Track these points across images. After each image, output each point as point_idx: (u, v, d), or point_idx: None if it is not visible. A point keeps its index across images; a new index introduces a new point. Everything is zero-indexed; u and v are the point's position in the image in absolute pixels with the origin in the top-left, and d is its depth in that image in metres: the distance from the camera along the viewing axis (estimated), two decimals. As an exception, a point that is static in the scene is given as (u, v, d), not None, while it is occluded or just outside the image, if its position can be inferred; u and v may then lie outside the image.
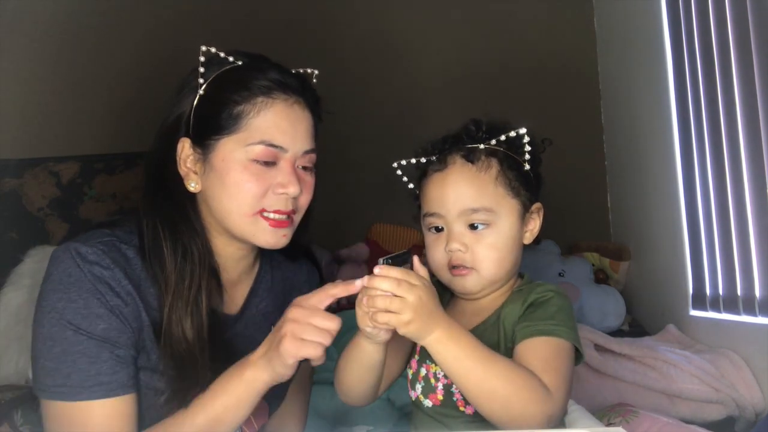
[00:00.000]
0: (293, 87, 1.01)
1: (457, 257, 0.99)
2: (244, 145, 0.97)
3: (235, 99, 0.98)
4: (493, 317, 1.01)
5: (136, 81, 2.53)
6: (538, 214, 1.05)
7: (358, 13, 2.65)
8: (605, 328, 2.06)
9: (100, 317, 0.92)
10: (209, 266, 1.01)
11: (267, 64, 1.02)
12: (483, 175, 1.00)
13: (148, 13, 2.55)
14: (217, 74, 1.00)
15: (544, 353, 0.93)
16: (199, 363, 0.97)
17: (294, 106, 1.00)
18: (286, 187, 0.98)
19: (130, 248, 0.98)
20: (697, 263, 1.94)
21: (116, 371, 0.93)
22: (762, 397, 1.65)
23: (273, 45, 1.20)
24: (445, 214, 1.00)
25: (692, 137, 1.91)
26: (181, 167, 1.01)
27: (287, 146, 0.99)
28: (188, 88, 1.02)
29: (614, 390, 1.68)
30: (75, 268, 0.93)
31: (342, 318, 0.96)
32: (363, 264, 2.44)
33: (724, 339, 1.80)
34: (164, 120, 1.04)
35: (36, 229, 2.37)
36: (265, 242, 1.01)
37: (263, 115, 0.98)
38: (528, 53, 2.64)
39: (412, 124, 2.54)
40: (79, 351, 0.91)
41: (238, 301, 1.10)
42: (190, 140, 1.00)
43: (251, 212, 0.99)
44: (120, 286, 0.95)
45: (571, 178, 2.59)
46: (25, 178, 2.41)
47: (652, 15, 2.12)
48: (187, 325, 0.96)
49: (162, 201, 1.01)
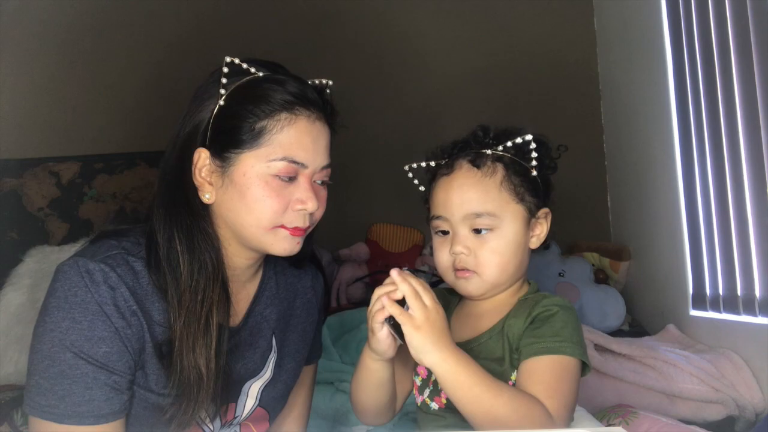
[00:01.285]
0: (315, 102, 1.00)
1: (461, 260, 1.01)
2: (266, 161, 0.96)
3: (257, 113, 0.96)
4: (498, 327, 1.02)
5: (137, 81, 2.53)
6: (545, 219, 1.06)
7: (363, 16, 2.65)
8: (605, 328, 2.06)
9: (102, 340, 0.91)
10: (222, 279, 1.00)
11: (286, 76, 1.00)
12: (488, 180, 1.01)
13: (148, 13, 2.55)
14: (237, 85, 0.98)
15: (548, 376, 0.94)
16: (205, 383, 0.95)
17: (316, 123, 1.00)
18: (305, 203, 0.98)
19: (138, 260, 0.96)
20: (697, 263, 1.93)
21: (110, 398, 0.92)
22: (762, 397, 1.65)
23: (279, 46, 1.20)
24: (450, 218, 1.01)
25: (692, 137, 1.91)
26: (195, 177, 0.99)
27: (308, 163, 0.98)
28: (207, 96, 0.99)
29: (614, 390, 1.68)
30: (82, 287, 0.91)
31: (342, 318, 0.97)
32: (363, 264, 2.44)
33: (724, 339, 1.80)
34: (181, 127, 1.01)
35: (36, 229, 2.37)
36: (282, 250, 1.00)
37: (286, 132, 0.97)
38: (528, 53, 2.64)
39: (414, 124, 2.54)
40: (76, 375, 0.90)
41: (240, 311, 1.08)
42: (208, 151, 0.98)
43: (270, 227, 0.98)
44: (126, 306, 0.93)
45: (571, 178, 2.58)
46: (25, 178, 2.41)
47: (652, 15, 2.12)
48: (198, 344, 0.95)
49: (178, 212, 0.99)
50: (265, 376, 1.10)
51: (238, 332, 1.06)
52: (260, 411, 1.12)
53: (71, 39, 2.53)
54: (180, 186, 0.99)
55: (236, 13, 2.57)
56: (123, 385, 0.93)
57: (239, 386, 1.06)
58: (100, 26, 2.54)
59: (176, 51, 2.48)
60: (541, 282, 2.12)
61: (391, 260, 2.37)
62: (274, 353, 1.10)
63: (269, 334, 1.10)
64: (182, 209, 0.99)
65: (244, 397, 1.08)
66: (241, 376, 1.06)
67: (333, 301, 2.35)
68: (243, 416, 1.09)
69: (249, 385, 1.08)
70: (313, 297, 1.20)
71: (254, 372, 1.08)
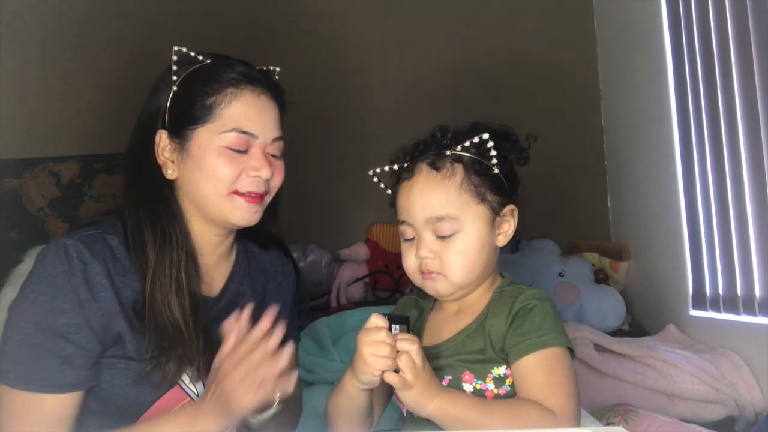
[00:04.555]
0: (259, 79, 1.09)
1: (426, 264, 1.02)
2: (218, 133, 1.05)
3: (206, 91, 1.06)
4: (475, 324, 1.03)
5: (137, 81, 2.50)
6: (512, 215, 1.06)
7: (360, 14, 2.64)
8: (605, 328, 2.06)
9: (63, 312, 0.97)
10: (187, 249, 1.07)
11: (234, 61, 1.10)
12: (447, 183, 1.01)
13: (148, 14, 2.55)
14: (188, 71, 1.08)
15: (540, 375, 0.95)
16: (186, 337, 1.01)
17: (261, 97, 1.08)
18: (259, 170, 1.06)
19: (114, 237, 1.04)
20: (697, 263, 1.93)
21: (62, 371, 0.97)
22: (762, 397, 1.65)
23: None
24: (413, 222, 1.03)
25: (692, 137, 1.91)
26: (159, 157, 1.08)
27: (257, 133, 1.07)
28: (162, 85, 1.10)
29: (614, 390, 1.68)
30: (53, 263, 0.98)
31: (342, 318, 0.98)
32: (363, 264, 2.44)
33: (724, 339, 1.80)
34: (141, 115, 1.12)
35: (36, 229, 2.37)
36: (240, 218, 1.07)
37: (234, 105, 1.06)
38: (528, 53, 2.64)
39: (413, 124, 2.53)
40: (33, 344, 0.96)
41: (217, 285, 1.15)
42: (167, 132, 1.07)
43: (226, 192, 1.05)
44: (97, 280, 0.99)
45: (571, 178, 2.60)
46: (25, 178, 2.41)
47: (652, 15, 2.12)
48: (172, 301, 1.01)
49: (142, 190, 1.08)
50: None
51: (217, 303, 1.12)
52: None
53: (71, 39, 2.52)
54: (142, 166, 1.09)
55: (234, 14, 2.57)
56: (78, 359, 0.97)
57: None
58: (101, 26, 2.54)
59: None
60: (541, 282, 2.14)
61: (391, 260, 2.38)
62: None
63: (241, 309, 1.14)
64: (145, 185, 1.08)
65: None
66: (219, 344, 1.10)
67: (333, 301, 2.35)
68: None
69: None
70: (284, 281, 1.25)
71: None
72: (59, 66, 2.52)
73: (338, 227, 2.39)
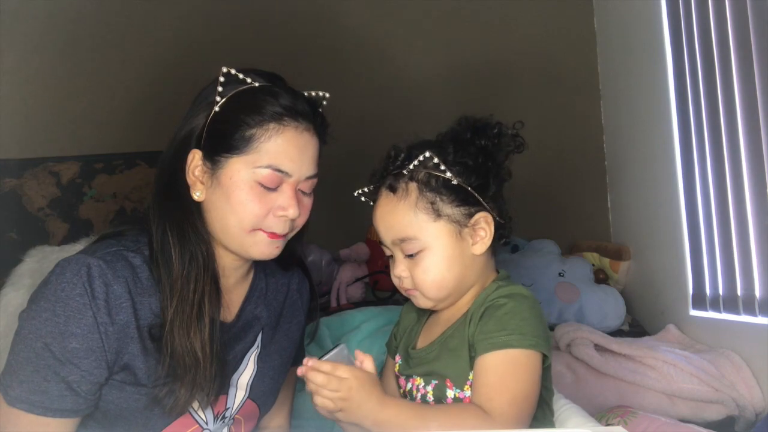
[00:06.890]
0: (304, 113, 1.03)
1: (402, 282, 1.04)
2: (253, 167, 1.00)
3: (247, 122, 1.00)
4: (458, 323, 1.04)
5: (137, 81, 2.53)
6: (485, 222, 1.03)
7: (360, 14, 2.65)
8: (605, 328, 2.06)
9: (74, 336, 0.94)
10: (212, 272, 1.04)
11: (281, 89, 1.04)
12: (402, 204, 1.02)
13: (148, 14, 2.55)
14: (232, 94, 1.03)
15: (491, 377, 0.94)
16: (201, 365, 0.99)
17: (303, 133, 1.03)
18: (286, 209, 1.02)
19: (137, 256, 1.01)
20: (697, 263, 1.93)
21: (63, 396, 0.94)
22: (762, 397, 1.65)
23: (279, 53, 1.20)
24: (385, 243, 1.05)
25: (692, 137, 1.91)
26: (189, 176, 1.04)
27: (292, 172, 1.02)
28: (204, 103, 1.04)
29: (614, 390, 1.68)
30: (72, 283, 0.94)
31: (342, 318, 0.98)
32: (363, 264, 2.44)
33: (724, 339, 1.80)
34: (178, 130, 1.06)
35: (36, 229, 2.37)
36: (260, 253, 1.04)
37: (273, 141, 1.01)
38: (528, 53, 2.64)
39: (413, 123, 2.53)
40: (39, 365, 0.93)
41: (233, 307, 1.12)
42: (201, 153, 1.03)
43: (250, 229, 1.02)
44: (117, 303, 0.96)
45: (571, 178, 2.60)
46: (25, 178, 2.41)
47: (652, 15, 2.12)
48: (192, 329, 0.99)
49: (171, 208, 1.04)
50: (249, 370, 1.13)
51: (232, 327, 1.11)
52: (251, 405, 1.15)
53: (71, 39, 2.52)
54: (174, 184, 1.05)
55: (233, 15, 2.57)
56: (82, 387, 0.95)
57: (228, 379, 1.10)
58: (101, 26, 2.54)
59: (176, 52, 2.48)
60: (541, 282, 2.15)
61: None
62: (256, 348, 1.14)
63: (258, 331, 1.15)
64: (175, 204, 1.04)
65: (234, 389, 1.11)
66: (230, 369, 1.10)
67: (333, 301, 2.35)
68: (234, 408, 1.12)
69: (236, 378, 1.12)
70: (299, 299, 1.24)
71: (235, 366, 1.12)
72: (59, 66, 2.52)
73: (338, 227, 2.38)
